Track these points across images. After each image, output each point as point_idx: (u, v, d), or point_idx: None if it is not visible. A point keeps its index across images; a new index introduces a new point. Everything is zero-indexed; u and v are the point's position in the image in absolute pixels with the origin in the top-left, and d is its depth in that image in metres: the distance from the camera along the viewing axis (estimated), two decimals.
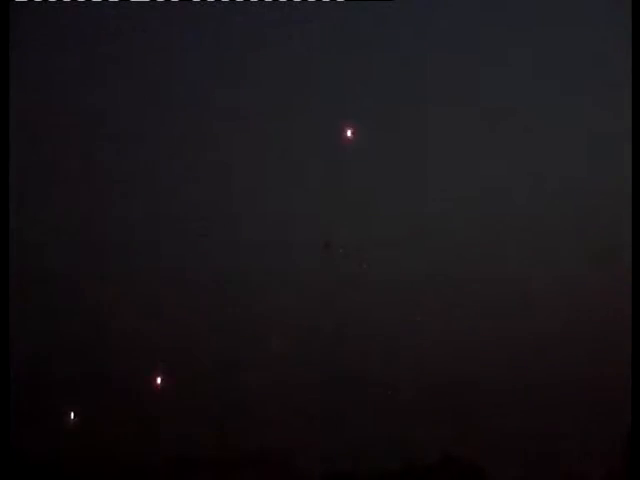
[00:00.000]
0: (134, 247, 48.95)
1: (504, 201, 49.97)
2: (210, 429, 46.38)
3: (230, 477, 45.92)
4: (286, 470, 46.30)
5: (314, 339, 48.73)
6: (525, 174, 49.93)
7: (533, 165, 50.03)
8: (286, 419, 46.89)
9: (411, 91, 51.17)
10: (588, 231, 48.65)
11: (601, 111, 48.58)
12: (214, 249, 49.63)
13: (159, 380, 47.70)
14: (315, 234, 49.57)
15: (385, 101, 51.17)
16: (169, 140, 50.31)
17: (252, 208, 50.38)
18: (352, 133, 49.89)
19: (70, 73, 49.85)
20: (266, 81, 50.60)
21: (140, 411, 46.89)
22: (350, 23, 49.71)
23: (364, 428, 46.67)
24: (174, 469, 46.12)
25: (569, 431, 45.50)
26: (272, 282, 49.62)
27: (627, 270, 36.49)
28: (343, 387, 47.76)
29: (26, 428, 44.69)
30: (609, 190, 48.06)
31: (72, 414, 45.86)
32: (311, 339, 48.73)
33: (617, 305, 44.29)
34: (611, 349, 45.97)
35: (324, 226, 49.52)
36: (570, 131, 49.62)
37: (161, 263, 49.15)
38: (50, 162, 48.59)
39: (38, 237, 48.09)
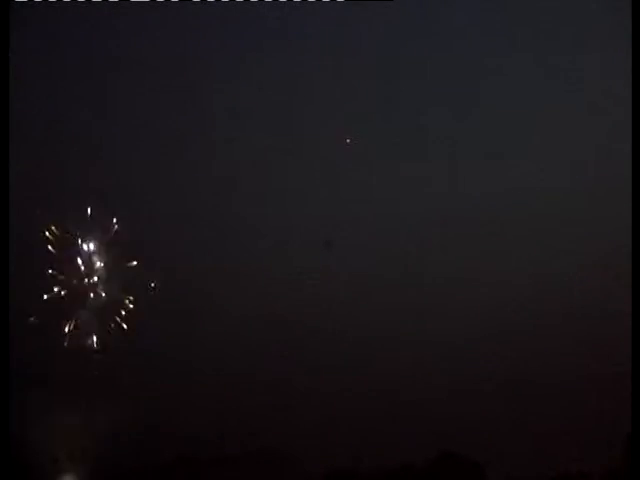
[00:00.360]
0: (133, 246, 48.99)
1: (504, 201, 50.03)
2: (210, 429, 46.37)
3: (231, 476, 45.92)
4: (287, 469, 46.30)
5: (314, 339, 48.78)
6: (525, 174, 50.02)
7: (533, 165, 50.13)
8: (286, 419, 46.89)
9: (411, 91, 51.26)
10: (588, 231, 48.70)
11: (601, 111, 48.69)
12: (214, 249, 49.67)
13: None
14: (315, 234, 49.65)
15: (384, 101, 51.29)
16: (169, 140, 50.39)
17: (252, 208, 50.45)
18: (350, 139, 50.16)
19: (70, 73, 49.91)
20: (266, 81, 50.67)
21: (141, 411, 46.93)
22: (350, 23, 49.77)
23: (364, 427, 46.68)
24: (175, 469, 46.08)
25: (569, 430, 45.52)
26: (272, 282, 49.68)
27: (627, 270, 36.50)
28: (343, 387, 47.78)
29: (26, 426, 44.75)
30: (609, 190, 48.13)
31: None
32: (311, 339, 48.78)
33: (617, 305, 44.35)
34: (611, 349, 46.02)
35: (324, 226, 49.62)
36: (570, 131, 49.73)
37: (160, 262, 49.16)
38: (50, 162, 48.61)
39: (38, 237, 48.19)
